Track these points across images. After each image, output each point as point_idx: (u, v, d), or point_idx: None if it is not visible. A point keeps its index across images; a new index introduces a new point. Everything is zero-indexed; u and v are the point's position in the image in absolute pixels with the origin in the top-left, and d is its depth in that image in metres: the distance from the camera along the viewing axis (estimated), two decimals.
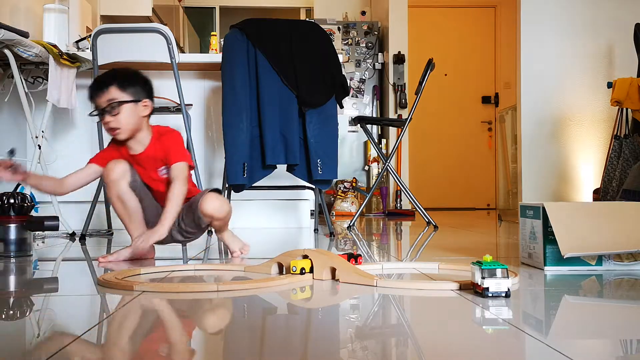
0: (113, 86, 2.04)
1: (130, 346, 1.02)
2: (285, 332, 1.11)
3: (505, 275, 1.34)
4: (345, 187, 5.63)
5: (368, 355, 0.94)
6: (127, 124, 2.05)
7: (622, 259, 1.79)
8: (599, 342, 1.03)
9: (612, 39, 4.68)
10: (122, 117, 2.03)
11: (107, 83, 2.04)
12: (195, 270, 1.90)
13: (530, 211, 1.90)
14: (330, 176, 3.13)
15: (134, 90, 2.06)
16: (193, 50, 7.58)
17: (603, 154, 4.53)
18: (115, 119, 2.03)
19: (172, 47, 3.04)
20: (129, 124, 2.05)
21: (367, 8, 6.59)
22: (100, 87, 2.04)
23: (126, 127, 2.05)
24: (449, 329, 1.11)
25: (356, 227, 3.84)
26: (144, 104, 2.08)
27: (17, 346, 1.02)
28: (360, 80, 6.16)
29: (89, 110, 3.65)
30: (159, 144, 2.10)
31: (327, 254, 1.67)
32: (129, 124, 2.05)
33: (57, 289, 1.62)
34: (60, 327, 1.18)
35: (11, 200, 2.20)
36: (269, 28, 3.13)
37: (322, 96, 3.13)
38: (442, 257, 2.15)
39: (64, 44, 3.56)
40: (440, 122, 7.05)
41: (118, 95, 2.03)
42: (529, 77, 4.69)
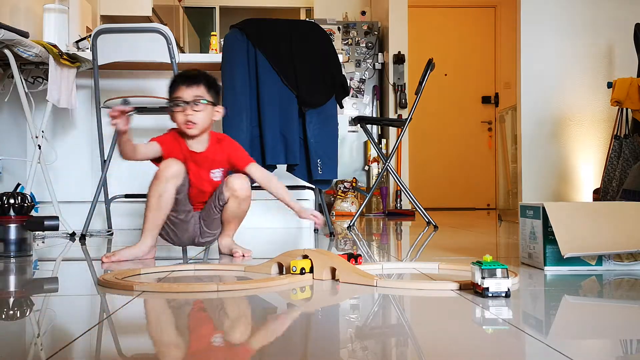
0: (203, 84, 2.15)
1: (129, 347, 1.02)
2: (285, 332, 1.11)
3: (505, 275, 1.34)
4: (345, 187, 5.63)
5: (368, 355, 0.94)
6: (203, 122, 2.15)
7: (622, 259, 1.79)
8: (599, 342, 1.03)
9: (612, 39, 4.68)
10: (202, 115, 2.14)
11: (199, 80, 2.15)
12: (195, 270, 1.90)
13: (530, 211, 1.90)
14: (330, 176, 3.13)
15: (215, 95, 2.20)
16: (193, 50, 7.57)
17: (603, 154, 4.53)
18: (196, 114, 2.13)
19: (172, 47, 3.04)
20: (204, 123, 2.16)
21: (367, 8, 6.59)
22: (194, 81, 2.14)
23: (201, 125, 2.15)
24: (449, 329, 1.11)
25: (356, 227, 3.84)
26: (217, 109, 2.21)
27: (17, 346, 1.02)
28: (360, 80, 6.16)
29: (89, 110, 3.68)
30: (219, 148, 2.23)
31: (327, 254, 1.67)
32: (204, 123, 2.16)
33: (57, 289, 1.62)
34: (60, 327, 1.18)
35: (11, 200, 2.20)
36: (269, 28, 3.13)
37: (322, 96, 3.13)
38: (442, 257, 2.15)
39: (64, 44, 3.56)
40: (440, 122, 7.05)
41: (204, 94, 2.15)
42: (529, 77, 4.69)
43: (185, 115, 2.12)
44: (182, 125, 2.15)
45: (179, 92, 2.14)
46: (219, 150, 2.22)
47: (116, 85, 3.67)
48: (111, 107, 3.22)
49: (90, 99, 3.69)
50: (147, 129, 3.74)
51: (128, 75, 3.71)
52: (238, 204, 2.21)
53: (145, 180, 3.88)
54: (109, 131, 3.41)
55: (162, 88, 3.59)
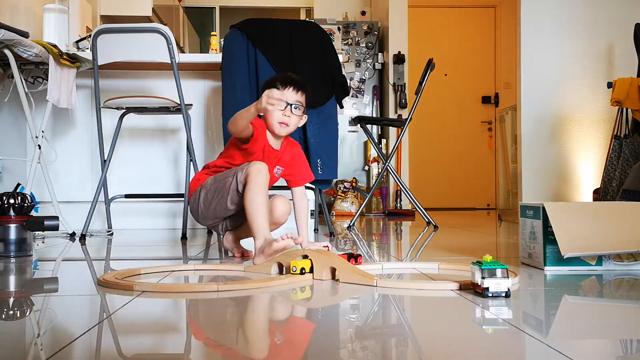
0: (306, 94, 2.25)
1: (129, 347, 1.02)
2: (285, 332, 1.11)
3: (505, 275, 1.34)
4: (345, 187, 5.63)
5: (368, 355, 0.94)
6: (293, 126, 2.23)
7: (622, 259, 1.79)
8: (599, 342, 1.03)
9: (612, 39, 4.68)
10: (296, 119, 2.22)
11: (305, 88, 2.25)
12: (195, 270, 1.90)
13: (530, 211, 1.90)
14: (331, 176, 3.13)
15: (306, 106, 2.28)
16: (193, 50, 7.58)
17: (603, 154, 4.53)
18: (292, 118, 2.20)
19: (172, 47, 3.04)
20: (294, 127, 2.23)
21: (367, 8, 6.59)
22: (302, 88, 2.24)
23: (292, 128, 2.23)
24: (449, 329, 1.11)
25: (356, 227, 3.83)
26: (304, 118, 2.28)
27: (17, 346, 1.02)
28: (360, 80, 6.16)
29: (89, 110, 3.68)
30: (290, 151, 2.32)
31: (327, 254, 1.67)
32: (293, 128, 2.24)
33: (57, 289, 1.62)
34: (60, 327, 1.18)
35: (11, 200, 2.20)
36: (269, 28, 3.13)
37: (322, 96, 3.13)
38: (442, 257, 2.15)
39: (64, 44, 3.57)
40: (440, 122, 7.05)
41: (303, 101, 2.24)
42: (529, 77, 4.69)
43: (284, 115, 2.18)
44: (276, 123, 2.19)
45: (287, 92, 2.20)
46: (288, 151, 2.31)
47: (116, 85, 3.67)
48: (111, 106, 3.22)
49: (90, 99, 3.69)
50: (147, 128, 3.74)
51: (128, 75, 3.71)
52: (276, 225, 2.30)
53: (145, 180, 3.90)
54: (109, 131, 3.41)
55: (162, 88, 3.61)
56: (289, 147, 2.32)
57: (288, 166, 2.32)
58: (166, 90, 3.49)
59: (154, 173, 3.72)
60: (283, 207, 2.28)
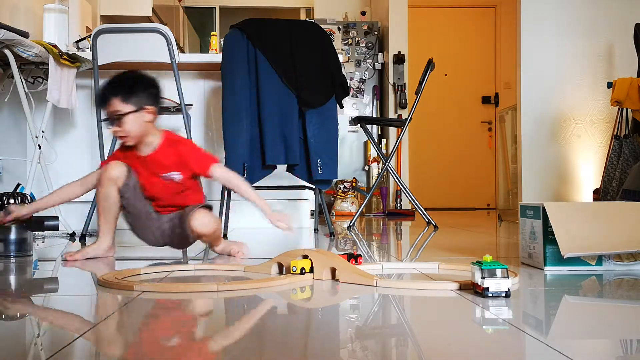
0: (115, 98, 2.10)
1: (129, 347, 1.02)
2: (285, 332, 1.11)
3: (505, 275, 1.34)
4: (345, 187, 5.63)
5: (368, 355, 0.94)
6: (132, 131, 2.11)
7: (622, 259, 1.79)
8: (599, 342, 1.03)
9: (612, 39, 4.68)
10: (126, 126, 2.10)
11: (108, 96, 2.11)
12: (195, 270, 1.90)
13: (530, 211, 1.90)
14: (331, 176, 3.12)
15: (137, 99, 2.11)
16: (193, 50, 7.57)
17: (603, 154, 4.53)
18: (121, 128, 2.10)
19: (172, 47, 3.04)
20: (134, 131, 2.12)
21: (367, 8, 6.59)
22: (103, 101, 2.12)
23: (133, 134, 2.12)
24: (449, 329, 1.11)
25: (356, 227, 3.83)
26: (147, 111, 2.12)
27: (17, 346, 1.02)
28: (360, 80, 6.16)
29: (89, 110, 3.68)
30: (173, 151, 2.17)
31: (327, 254, 1.67)
32: (134, 132, 2.12)
33: (57, 289, 1.62)
34: (60, 327, 1.18)
35: (11, 200, 2.20)
36: (269, 28, 3.13)
37: (322, 96, 3.13)
38: (442, 257, 2.15)
39: (64, 44, 3.56)
40: (440, 122, 7.05)
41: (121, 107, 2.09)
42: (529, 77, 4.69)
43: (113, 132, 2.13)
44: (119, 139, 2.16)
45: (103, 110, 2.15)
46: (170, 153, 2.16)
47: None
48: None
49: (90, 99, 3.69)
50: None
51: None
52: (209, 237, 2.20)
53: None
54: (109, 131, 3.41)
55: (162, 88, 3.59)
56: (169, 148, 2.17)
57: (181, 166, 2.16)
58: (166, 90, 3.47)
59: None
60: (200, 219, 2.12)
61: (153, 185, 2.17)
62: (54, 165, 3.43)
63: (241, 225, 3.72)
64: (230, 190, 2.34)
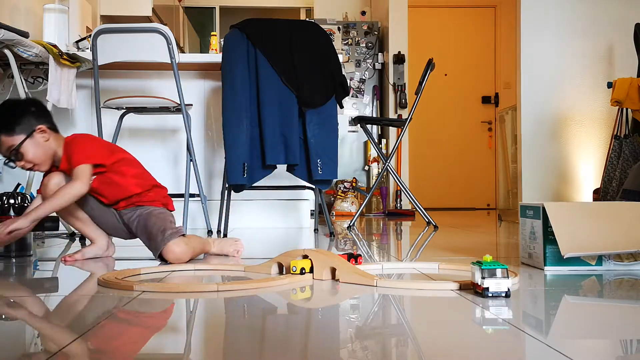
0: (2, 136, 1.99)
1: (129, 347, 1.02)
2: (285, 332, 1.11)
3: (505, 275, 1.34)
4: (345, 187, 5.63)
5: (368, 355, 0.94)
6: (37, 158, 2.03)
7: (622, 259, 1.79)
8: (599, 342, 1.03)
9: (612, 39, 4.68)
10: (29, 156, 2.01)
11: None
12: (195, 271, 1.90)
13: (530, 211, 1.90)
14: (330, 176, 3.13)
15: (22, 127, 2.01)
16: (193, 50, 7.58)
17: (603, 154, 4.53)
18: (25, 161, 2.02)
19: (172, 47, 3.04)
20: (39, 157, 2.03)
21: (367, 8, 6.59)
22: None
23: (40, 160, 2.04)
24: (449, 329, 1.11)
25: (356, 227, 3.83)
26: (39, 131, 2.02)
27: (17, 346, 1.02)
28: (360, 80, 6.16)
29: (89, 110, 3.68)
30: (65, 154, 2.05)
31: (327, 254, 1.67)
32: (39, 157, 2.03)
33: (57, 289, 1.62)
34: (60, 327, 1.18)
35: (11, 200, 2.20)
36: (269, 28, 3.13)
37: (322, 96, 3.13)
38: (442, 257, 2.15)
39: (64, 44, 3.56)
40: (440, 122, 7.05)
41: (10, 141, 1.99)
42: (529, 77, 4.69)
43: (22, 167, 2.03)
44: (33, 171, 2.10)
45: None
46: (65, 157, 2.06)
47: (116, 85, 3.67)
48: (111, 106, 3.22)
49: (90, 99, 3.69)
50: (147, 128, 3.74)
51: (128, 75, 3.71)
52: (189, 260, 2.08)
53: None
54: (109, 131, 3.42)
55: (162, 88, 3.61)
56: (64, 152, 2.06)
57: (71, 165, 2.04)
58: (166, 90, 3.49)
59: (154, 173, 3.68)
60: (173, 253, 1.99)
61: None
62: None
63: (241, 226, 3.72)
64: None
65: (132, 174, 2.14)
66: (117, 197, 2.12)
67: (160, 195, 2.19)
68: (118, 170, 2.11)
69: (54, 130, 2.09)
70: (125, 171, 2.12)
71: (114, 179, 2.10)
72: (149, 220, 2.08)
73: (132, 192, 2.11)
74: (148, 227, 2.08)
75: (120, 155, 2.16)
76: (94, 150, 2.06)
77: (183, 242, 2.02)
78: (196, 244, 2.12)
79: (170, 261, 2.00)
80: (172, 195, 3.53)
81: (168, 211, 2.18)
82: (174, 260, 2.00)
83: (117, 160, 2.12)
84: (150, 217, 2.09)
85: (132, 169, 2.16)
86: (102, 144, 2.19)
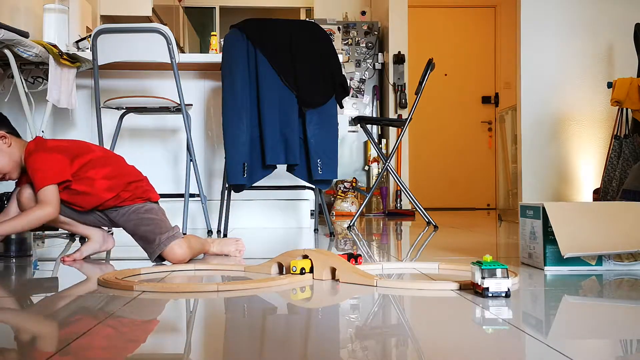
0: None
1: (129, 347, 1.02)
2: (285, 332, 1.11)
3: (505, 275, 1.34)
4: (345, 187, 5.63)
5: (368, 355, 0.94)
6: (5, 166, 1.97)
7: (622, 259, 1.79)
8: (599, 342, 1.03)
9: (612, 39, 4.68)
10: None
11: None
12: (195, 270, 1.90)
13: (530, 211, 1.90)
14: (330, 176, 3.13)
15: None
16: (193, 50, 7.58)
17: (603, 154, 4.53)
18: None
19: (172, 47, 3.04)
20: (6, 165, 1.97)
21: (367, 8, 6.59)
22: None
23: (8, 168, 1.98)
24: (449, 329, 1.11)
25: (356, 227, 3.83)
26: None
27: (17, 346, 1.02)
28: (360, 80, 6.15)
29: (89, 110, 3.68)
30: (27, 166, 1.98)
31: (327, 254, 1.67)
32: (6, 165, 1.98)
33: (57, 289, 1.62)
34: (60, 327, 1.18)
35: None
36: (269, 28, 3.13)
37: (322, 96, 3.13)
38: (442, 257, 2.15)
39: (64, 44, 3.57)
40: (440, 122, 7.05)
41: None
42: (529, 77, 4.69)
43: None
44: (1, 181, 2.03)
45: None
46: (28, 168, 1.98)
47: (116, 85, 3.67)
48: (111, 106, 3.22)
49: (90, 99, 3.69)
50: (147, 128, 3.74)
51: (128, 75, 3.71)
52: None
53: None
54: (109, 131, 3.42)
55: (162, 88, 3.61)
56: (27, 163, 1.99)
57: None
58: (166, 90, 3.49)
59: (154, 173, 3.70)
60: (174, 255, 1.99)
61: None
62: None
63: (241, 226, 3.73)
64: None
65: (102, 175, 2.03)
66: (91, 204, 2.05)
67: (140, 190, 2.08)
68: (84, 177, 2.00)
69: (15, 135, 2.03)
70: (93, 175, 2.01)
71: (82, 189, 2.00)
72: (140, 224, 2.02)
73: (104, 198, 2.02)
74: (140, 231, 2.03)
75: (86, 157, 2.03)
76: (53, 167, 1.94)
77: (185, 244, 2.01)
78: (196, 244, 2.12)
79: (172, 262, 1.99)
80: (172, 195, 3.54)
81: (153, 205, 2.09)
82: (176, 262, 1.99)
83: (82, 166, 2.00)
84: (142, 220, 2.02)
85: (102, 170, 2.03)
86: (60, 156, 1.98)
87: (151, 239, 2.01)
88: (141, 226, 2.03)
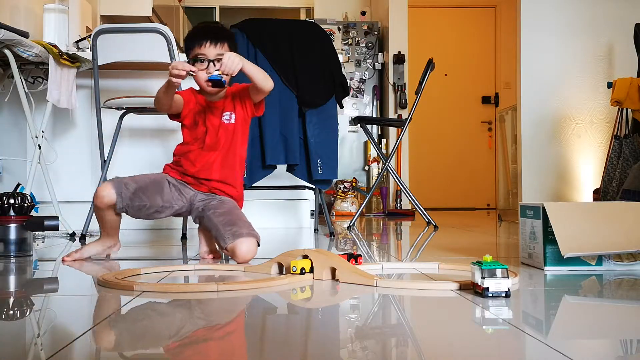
0: (227, 43, 2.08)
1: (129, 347, 1.02)
2: (286, 332, 1.11)
3: (505, 275, 1.34)
4: (345, 187, 5.63)
5: (368, 355, 0.94)
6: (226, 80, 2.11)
7: (622, 259, 1.79)
8: (599, 342, 1.03)
9: (612, 39, 4.68)
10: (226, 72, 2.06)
11: (223, 37, 2.07)
12: (195, 270, 1.90)
13: (530, 211, 1.90)
14: (331, 176, 3.12)
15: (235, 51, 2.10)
16: None
17: (603, 154, 4.53)
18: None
19: (172, 47, 3.03)
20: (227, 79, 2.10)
21: (367, 8, 6.59)
22: (219, 39, 2.06)
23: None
24: (449, 329, 1.11)
25: (356, 227, 3.83)
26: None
27: (17, 346, 1.02)
28: (360, 80, 6.16)
29: (89, 110, 3.68)
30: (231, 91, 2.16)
31: (327, 254, 1.67)
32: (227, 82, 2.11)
33: (57, 289, 1.62)
34: (60, 327, 1.18)
35: (11, 200, 2.19)
36: (269, 28, 3.13)
37: (322, 96, 3.13)
38: (442, 257, 2.15)
39: (64, 44, 3.57)
40: (440, 122, 7.05)
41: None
42: (529, 77, 4.69)
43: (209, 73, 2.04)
44: (204, 84, 2.07)
45: (203, 48, 2.06)
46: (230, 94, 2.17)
47: (116, 85, 3.67)
48: (111, 106, 3.22)
49: (90, 99, 3.69)
50: (147, 128, 3.74)
51: (128, 75, 3.71)
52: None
53: None
54: (109, 131, 3.41)
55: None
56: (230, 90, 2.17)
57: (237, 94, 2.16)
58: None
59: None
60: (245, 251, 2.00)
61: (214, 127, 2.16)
62: (54, 165, 3.42)
63: None
64: None
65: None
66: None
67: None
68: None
69: None
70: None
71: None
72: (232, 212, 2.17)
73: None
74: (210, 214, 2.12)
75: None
76: None
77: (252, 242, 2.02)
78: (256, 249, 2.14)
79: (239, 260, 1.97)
80: None
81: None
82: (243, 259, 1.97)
83: None
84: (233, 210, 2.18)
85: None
86: None
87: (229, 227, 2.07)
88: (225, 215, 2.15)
